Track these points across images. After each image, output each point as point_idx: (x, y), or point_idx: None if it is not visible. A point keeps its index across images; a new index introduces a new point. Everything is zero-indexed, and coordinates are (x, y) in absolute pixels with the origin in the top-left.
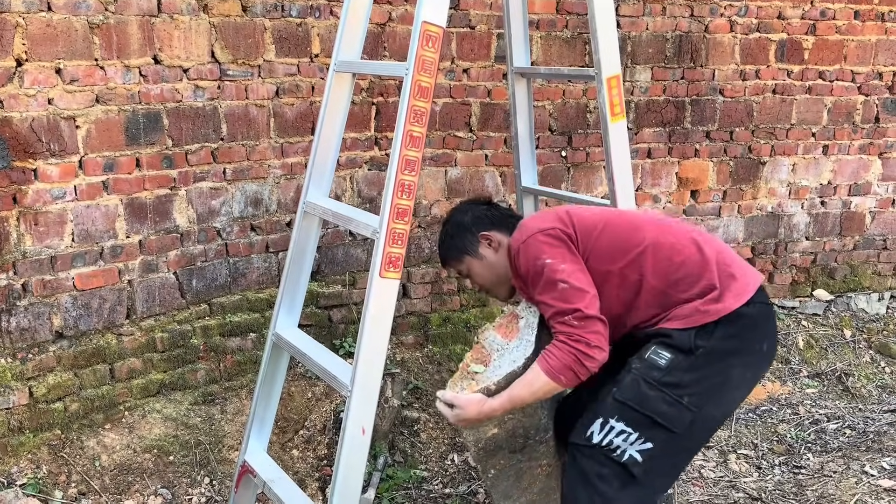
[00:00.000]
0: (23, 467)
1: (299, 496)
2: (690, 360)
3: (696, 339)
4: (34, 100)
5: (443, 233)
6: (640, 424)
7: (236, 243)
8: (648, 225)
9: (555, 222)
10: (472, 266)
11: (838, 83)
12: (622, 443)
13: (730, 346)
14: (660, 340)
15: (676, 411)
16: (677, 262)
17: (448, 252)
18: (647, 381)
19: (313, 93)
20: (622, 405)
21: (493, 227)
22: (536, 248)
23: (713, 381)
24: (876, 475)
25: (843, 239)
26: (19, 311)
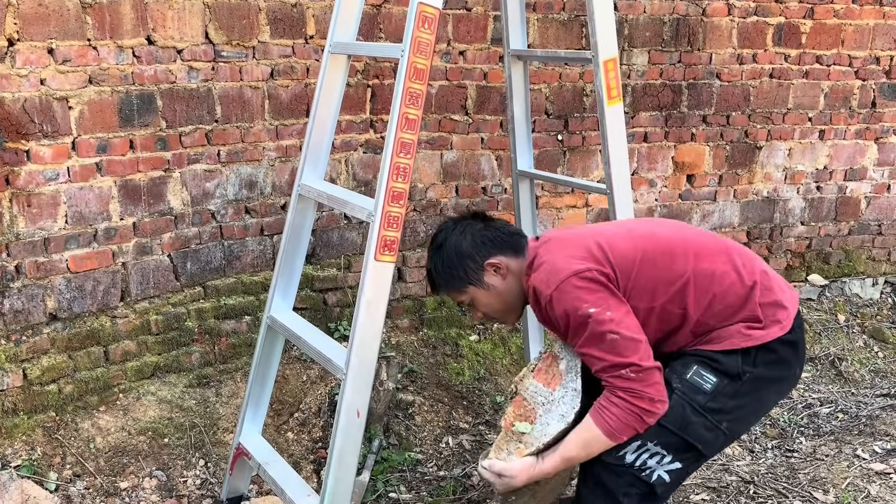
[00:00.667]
0: (17, 449)
1: (294, 478)
2: (737, 385)
3: (743, 364)
4: (26, 80)
5: (437, 259)
6: (676, 448)
7: (231, 226)
8: (684, 249)
9: (589, 262)
10: (476, 296)
11: (835, 67)
12: (655, 464)
13: (773, 374)
14: (703, 361)
15: (714, 436)
16: (720, 294)
17: (448, 282)
18: (691, 406)
19: (308, 75)
20: (663, 429)
21: (498, 251)
22: (574, 297)
23: (752, 408)
24: (868, 459)
25: (838, 224)
26: (13, 293)
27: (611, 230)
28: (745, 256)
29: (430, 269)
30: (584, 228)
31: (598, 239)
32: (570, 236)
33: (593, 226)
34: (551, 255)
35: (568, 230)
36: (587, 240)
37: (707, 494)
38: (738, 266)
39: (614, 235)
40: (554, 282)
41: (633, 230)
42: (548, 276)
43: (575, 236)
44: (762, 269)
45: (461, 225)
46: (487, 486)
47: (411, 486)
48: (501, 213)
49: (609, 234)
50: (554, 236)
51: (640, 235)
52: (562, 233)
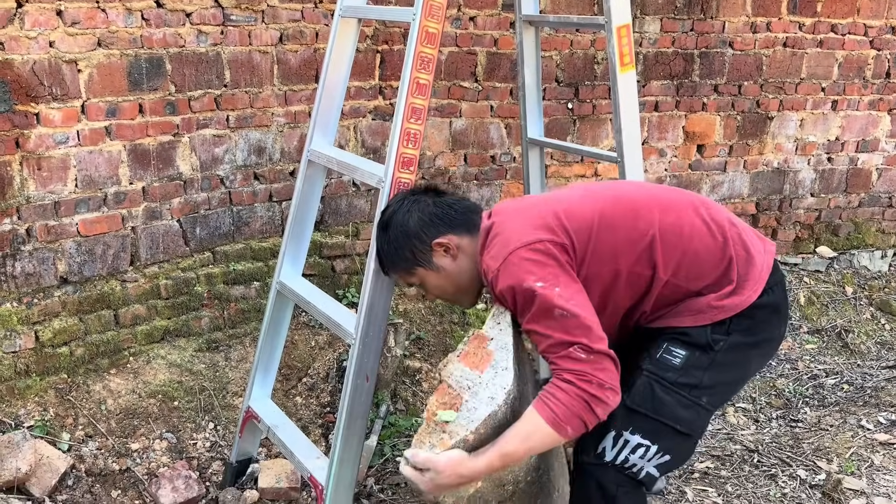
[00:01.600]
0: (30, 410)
1: (303, 441)
2: (710, 356)
3: (713, 333)
4: (35, 42)
5: (383, 239)
6: (657, 435)
7: (240, 192)
8: (648, 205)
9: (541, 231)
10: (426, 279)
11: (850, 37)
12: (639, 460)
13: (750, 340)
14: (672, 337)
15: (695, 414)
16: (692, 251)
17: (395, 264)
18: (661, 384)
19: (317, 39)
20: (635, 413)
21: (448, 228)
22: (521, 269)
23: (733, 377)
24: (872, 429)
25: (848, 196)
26: (24, 256)
27: (567, 195)
28: (712, 208)
29: (378, 248)
30: (540, 197)
31: (554, 206)
32: (523, 207)
33: (549, 194)
34: (503, 228)
35: (522, 200)
36: (541, 208)
37: (711, 462)
38: (706, 219)
39: (571, 200)
40: (501, 255)
41: (591, 191)
42: (498, 249)
43: (529, 206)
44: (729, 219)
45: (409, 201)
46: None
47: None
48: (510, 182)
49: (566, 200)
50: (506, 208)
51: (599, 197)
52: (515, 204)
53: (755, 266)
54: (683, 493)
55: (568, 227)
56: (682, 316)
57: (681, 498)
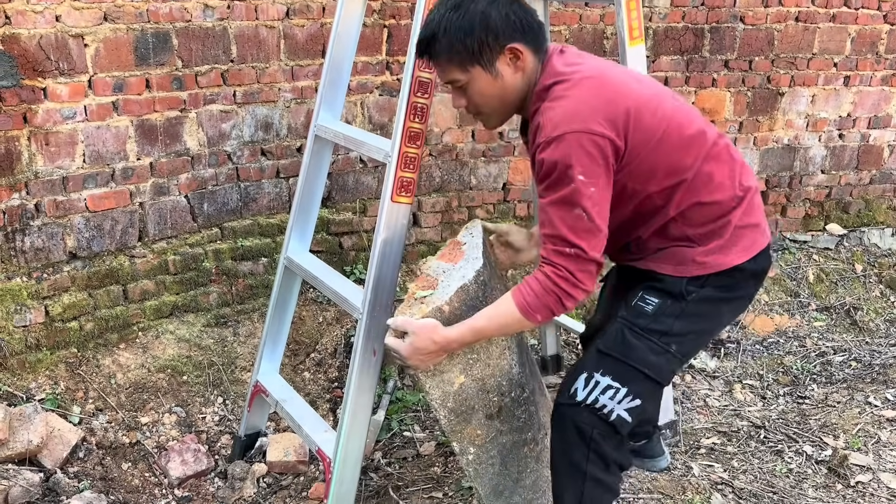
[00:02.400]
0: (41, 383)
1: (311, 415)
2: (681, 305)
3: (687, 284)
4: (41, 16)
5: (453, 18)
6: (626, 378)
7: (247, 168)
8: (701, 144)
9: (608, 126)
10: (475, 81)
11: (864, 11)
12: (609, 401)
13: (723, 296)
14: (649, 285)
15: (665, 361)
16: (706, 204)
17: (450, 50)
18: (632, 330)
19: (324, 14)
20: (606, 357)
21: (523, 37)
22: (574, 153)
23: (702, 328)
24: (880, 406)
25: (859, 173)
26: (33, 231)
27: (644, 95)
28: (746, 171)
29: (437, 29)
30: (618, 77)
31: (629, 101)
32: (605, 84)
33: (626, 75)
34: (576, 92)
35: (601, 67)
36: (618, 94)
37: (718, 439)
38: (735, 178)
39: (643, 100)
40: (563, 126)
41: (663, 102)
42: (562, 117)
43: (607, 84)
44: (756, 186)
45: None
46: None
47: (425, 426)
48: (518, 159)
49: (641, 101)
50: (588, 72)
51: (667, 113)
52: (598, 71)
53: (757, 230)
54: (690, 469)
55: (630, 134)
56: (666, 262)
57: (687, 473)
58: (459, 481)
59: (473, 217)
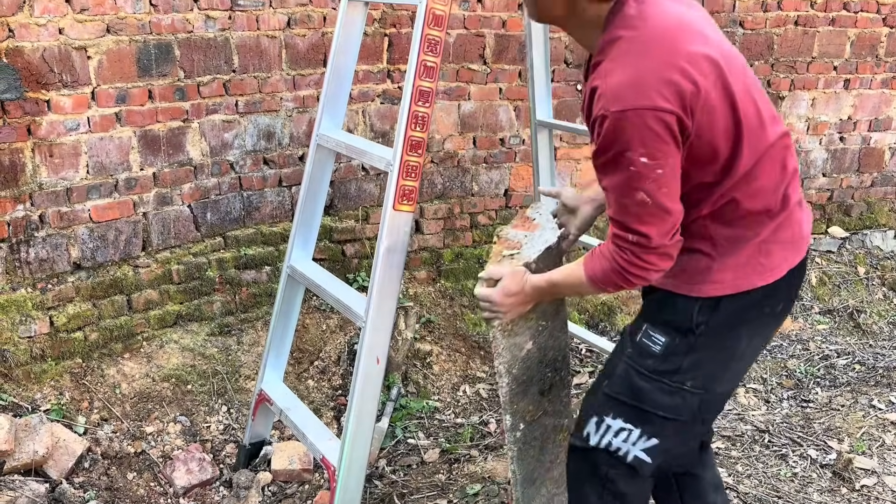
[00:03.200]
0: (46, 394)
1: (315, 423)
2: (689, 340)
3: (698, 314)
4: (45, 29)
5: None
6: (640, 420)
7: (249, 177)
8: (765, 138)
9: (675, 103)
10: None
11: (863, 14)
12: (622, 444)
13: (737, 319)
14: (654, 317)
15: (680, 399)
16: (742, 207)
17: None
18: (639, 372)
19: (325, 23)
20: (615, 401)
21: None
22: (635, 134)
23: (718, 358)
24: (884, 409)
25: (860, 175)
26: (37, 242)
27: (721, 66)
28: (795, 181)
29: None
30: (696, 38)
31: (700, 77)
32: (676, 46)
33: (705, 37)
34: (643, 58)
35: (679, 25)
36: (691, 70)
37: (722, 443)
38: (780, 189)
39: (721, 76)
40: (624, 101)
41: (739, 76)
42: (623, 87)
43: (681, 53)
44: (799, 199)
45: None
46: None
47: (429, 433)
48: (520, 165)
49: (716, 74)
50: (661, 24)
51: (743, 91)
52: (671, 24)
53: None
54: None
55: (697, 112)
56: (678, 277)
57: None
58: (464, 488)
59: (475, 224)
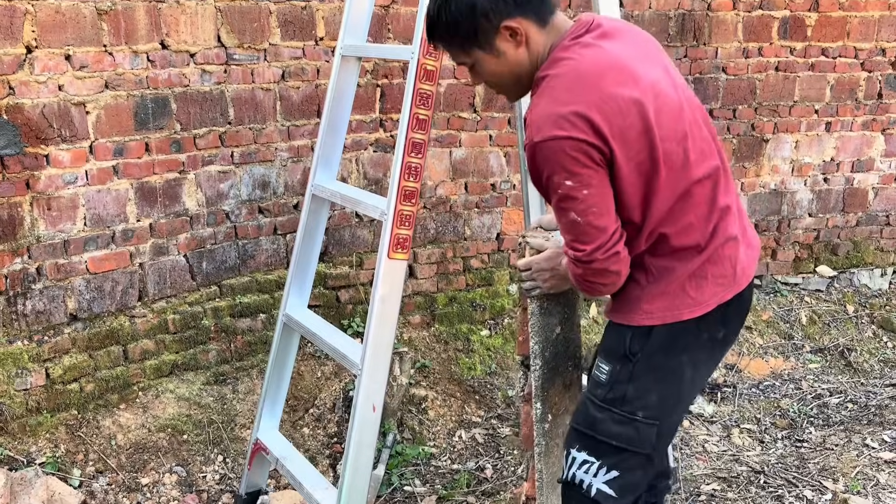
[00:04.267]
0: (41, 446)
1: (311, 472)
2: (629, 368)
3: (631, 343)
4: (45, 86)
5: (443, 7)
6: (599, 451)
7: (245, 226)
8: (692, 176)
9: (592, 135)
10: (481, 62)
11: (841, 60)
12: (585, 475)
13: (674, 347)
14: (601, 348)
15: (634, 430)
16: (672, 241)
17: (449, 39)
18: (593, 402)
19: (318, 76)
20: (577, 432)
21: (520, 11)
22: (555, 161)
23: (663, 385)
24: (877, 448)
25: (846, 215)
26: (34, 295)
27: (645, 97)
28: (730, 219)
29: (434, 14)
30: (619, 73)
31: (621, 105)
32: (596, 79)
33: (630, 68)
34: (560, 92)
35: (601, 59)
36: (609, 101)
37: (718, 485)
38: (709, 225)
39: (643, 108)
40: (544, 132)
41: (666, 104)
42: (542, 119)
43: (604, 83)
44: (735, 236)
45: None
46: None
47: (426, 479)
48: (511, 209)
49: (637, 106)
50: (581, 61)
51: (669, 122)
52: (593, 60)
53: (715, 288)
54: None
55: (616, 142)
56: (616, 304)
57: None
58: None
59: (468, 268)
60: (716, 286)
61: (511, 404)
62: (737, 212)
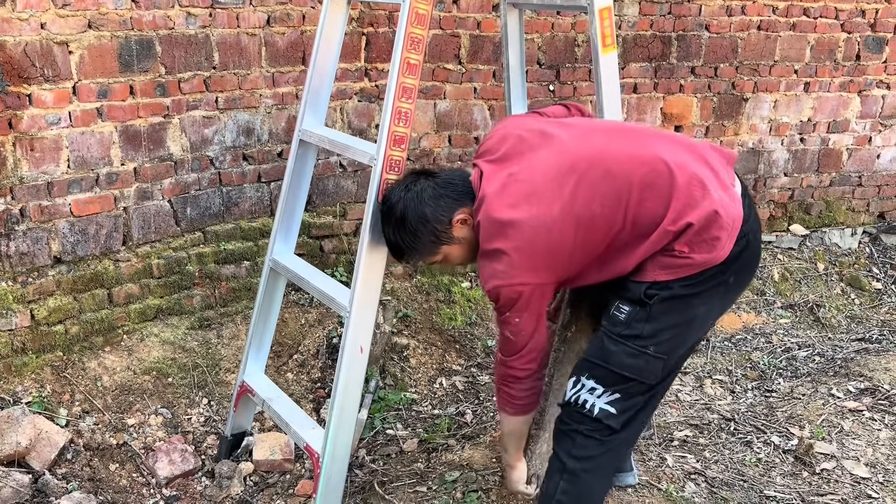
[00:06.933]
0: (27, 386)
1: (298, 413)
2: (646, 309)
3: (648, 289)
4: (27, 24)
5: (403, 234)
6: (608, 380)
7: (229, 172)
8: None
9: (529, 275)
10: (450, 253)
11: (822, 20)
12: (589, 396)
13: (690, 292)
14: (620, 294)
15: (644, 362)
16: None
17: (419, 251)
18: (609, 337)
19: (304, 22)
20: (589, 363)
21: (459, 203)
22: (501, 297)
23: (674, 324)
24: (842, 397)
25: (820, 175)
26: (18, 236)
27: (566, 242)
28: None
29: (398, 244)
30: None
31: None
32: (533, 247)
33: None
34: (508, 254)
35: (531, 223)
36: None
37: (690, 431)
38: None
39: (571, 242)
40: (491, 282)
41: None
42: (490, 274)
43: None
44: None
45: (412, 191)
46: None
47: (407, 424)
48: None
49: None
50: (517, 230)
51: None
52: (524, 228)
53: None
54: (664, 460)
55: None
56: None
57: (661, 464)
58: (443, 475)
59: None
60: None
61: (490, 353)
62: (703, 167)
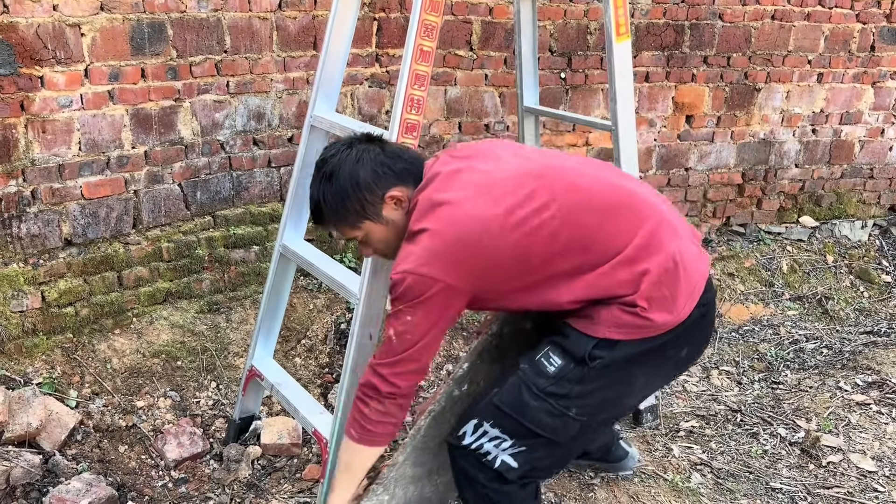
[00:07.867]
0: (38, 367)
1: (306, 398)
2: (583, 370)
3: (593, 349)
4: (39, 5)
5: (327, 190)
6: (516, 433)
7: (239, 157)
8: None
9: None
10: (371, 232)
11: (837, 10)
12: (493, 448)
13: (637, 358)
14: (554, 340)
15: (560, 423)
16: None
17: (341, 217)
18: (529, 389)
19: (316, 6)
20: (499, 411)
21: (399, 180)
22: (405, 290)
23: (608, 393)
24: (850, 390)
25: (831, 167)
26: (29, 218)
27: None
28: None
29: (319, 202)
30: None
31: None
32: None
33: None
34: (427, 245)
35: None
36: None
37: (696, 422)
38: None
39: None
40: (402, 263)
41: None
42: (406, 251)
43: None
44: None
45: (356, 150)
46: None
47: (413, 410)
48: None
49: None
50: (438, 222)
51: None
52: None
53: (675, 299)
54: (670, 450)
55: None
56: (584, 320)
57: (668, 454)
58: None
59: None
60: (662, 310)
61: None
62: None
